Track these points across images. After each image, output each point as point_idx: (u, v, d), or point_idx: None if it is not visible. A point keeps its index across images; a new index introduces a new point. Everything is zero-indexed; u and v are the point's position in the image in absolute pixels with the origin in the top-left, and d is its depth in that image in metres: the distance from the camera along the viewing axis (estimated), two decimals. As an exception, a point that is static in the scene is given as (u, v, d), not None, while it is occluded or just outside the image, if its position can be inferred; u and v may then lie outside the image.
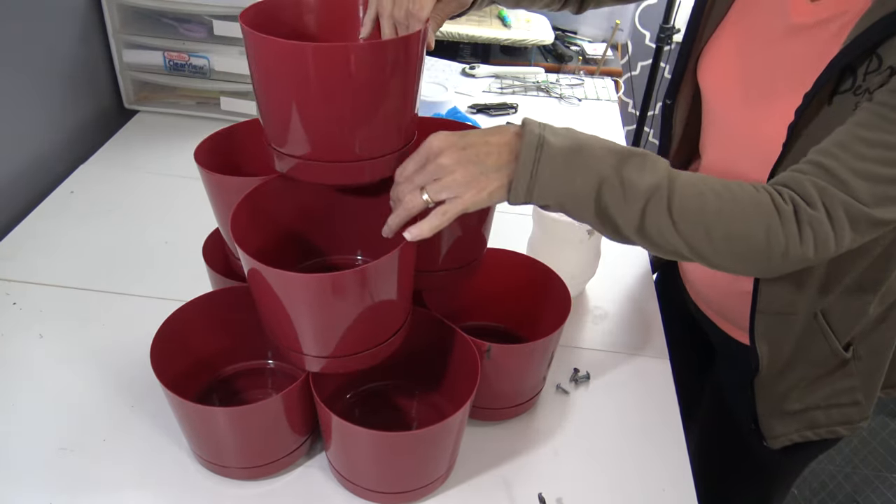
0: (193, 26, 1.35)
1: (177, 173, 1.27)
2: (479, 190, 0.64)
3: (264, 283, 0.65)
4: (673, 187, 0.65)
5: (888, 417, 1.78)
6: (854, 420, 0.91)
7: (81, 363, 0.88)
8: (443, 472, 0.76)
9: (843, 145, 0.66)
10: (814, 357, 0.87)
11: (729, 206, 0.65)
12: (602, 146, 0.66)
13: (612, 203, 0.65)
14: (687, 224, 0.65)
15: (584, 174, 0.64)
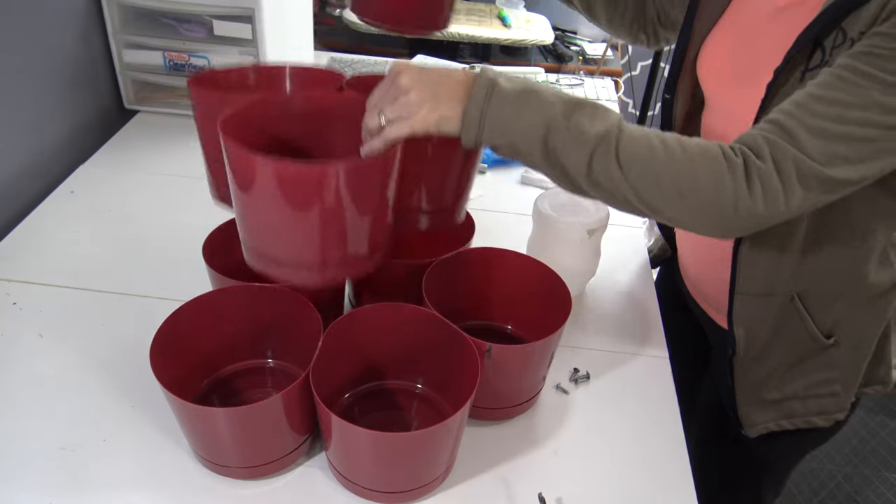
0: (193, 26, 1.35)
1: (177, 173, 1.27)
2: (430, 111, 0.67)
3: (250, 176, 0.66)
4: (622, 136, 0.67)
5: (888, 417, 1.78)
6: (830, 411, 0.91)
7: (81, 363, 0.88)
8: (442, 471, 0.76)
9: (800, 104, 0.66)
10: (791, 341, 0.87)
11: (678, 155, 0.67)
12: (554, 93, 0.68)
13: (560, 146, 0.67)
14: (635, 172, 0.66)
15: (533, 115, 0.67)
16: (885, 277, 0.83)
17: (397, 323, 0.81)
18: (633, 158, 0.66)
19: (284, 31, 1.44)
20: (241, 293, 0.81)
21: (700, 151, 0.67)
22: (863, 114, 0.64)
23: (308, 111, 0.81)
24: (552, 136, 0.67)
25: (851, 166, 0.65)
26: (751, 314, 0.86)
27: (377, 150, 0.69)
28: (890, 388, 0.93)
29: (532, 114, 0.67)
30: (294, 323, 0.81)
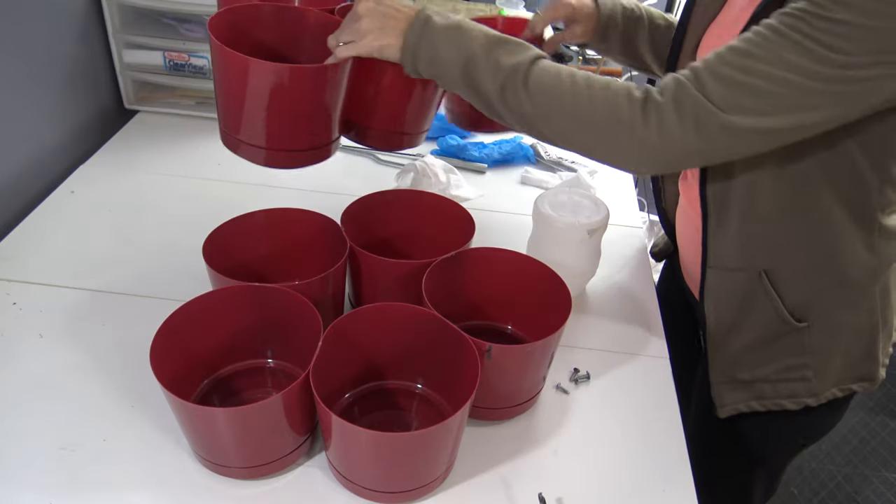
0: (193, 26, 1.35)
1: (177, 173, 1.27)
2: (375, 38, 0.78)
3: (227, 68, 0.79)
4: (533, 68, 0.75)
5: (888, 417, 1.78)
6: (799, 395, 0.92)
7: (81, 363, 0.88)
8: (442, 471, 0.76)
9: (718, 53, 0.70)
10: (760, 320, 0.88)
11: (582, 86, 0.73)
12: (481, 30, 0.77)
13: (477, 75, 0.76)
14: (541, 99, 0.74)
15: (458, 47, 0.76)
16: (862, 265, 0.83)
17: (397, 323, 0.81)
18: (540, 87, 0.74)
19: (284, 31, 1.44)
20: (241, 293, 0.81)
21: (604, 84, 0.73)
22: (768, 68, 0.66)
23: (290, 21, 0.91)
24: (471, 66, 0.76)
25: (754, 118, 0.68)
26: (721, 289, 0.89)
27: (333, 59, 0.80)
28: (877, 384, 0.94)
29: (457, 47, 0.76)
30: (294, 323, 0.81)
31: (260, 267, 0.96)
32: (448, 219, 0.99)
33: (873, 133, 0.74)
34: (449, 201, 1.01)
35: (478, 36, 0.76)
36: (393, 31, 0.78)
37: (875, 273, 0.84)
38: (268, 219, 0.94)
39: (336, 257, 0.87)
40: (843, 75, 0.65)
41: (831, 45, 0.64)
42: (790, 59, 0.65)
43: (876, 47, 0.64)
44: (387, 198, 1.01)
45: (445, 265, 0.88)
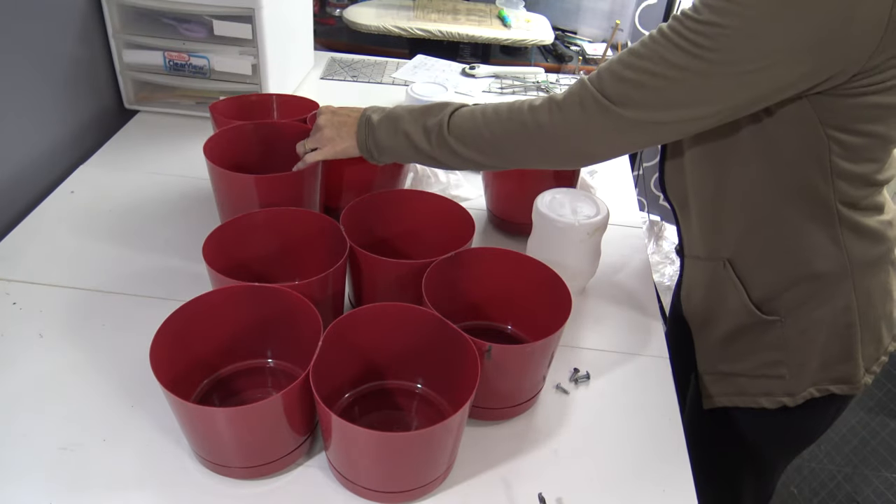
0: (193, 26, 1.35)
1: (177, 173, 1.27)
2: (335, 144, 0.97)
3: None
4: (452, 117, 0.87)
5: (888, 417, 1.78)
6: (775, 393, 0.93)
7: (81, 363, 0.88)
8: (442, 471, 0.76)
9: (619, 54, 0.78)
10: (730, 310, 0.92)
11: (492, 114, 0.85)
12: (407, 110, 0.92)
13: (418, 144, 0.89)
14: (465, 138, 0.86)
15: (395, 131, 0.91)
16: (829, 258, 0.84)
17: (397, 323, 0.81)
18: (461, 131, 0.86)
19: (284, 31, 1.44)
20: (241, 293, 0.81)
21: (510, 107, 0.85)
22: (650, 65, 0.73)
23: (269, 134, 1.13)
24: (410, 140, 0.90)
25: (642, 111, 0.75)
26: (693, 278, 0.95)
27: (300, 168, 1.00)
28: (860, 390, 0.93)
29: (394, 130, 0.91)
30: (294, 323, 0.81)
31: (260, 267, 0.96)
32: (448, 219, 0.99)
33: (798, 124, 0.77)
34: (449, 201, 1.01)
35: (406, 115, 0.91)
36: (348, 134, 0.96)
37: (846, 268, 0.84)
38: (268, 219, 0.94)
39: (336, 257, 0.87)
40: (718, 71, 0.70)
41: (702, 44, 0.70)
42: (668, 56, 0.72)
43: (743, 45, 0.69)
44: (387, 198, 1.02)
45: (445, 265, 0.88)
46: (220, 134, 1.07)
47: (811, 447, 1.48)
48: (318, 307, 0.78)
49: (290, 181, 0.99)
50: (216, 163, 0.98)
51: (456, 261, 0.89)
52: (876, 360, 0.93)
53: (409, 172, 1.24)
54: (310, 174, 1.01)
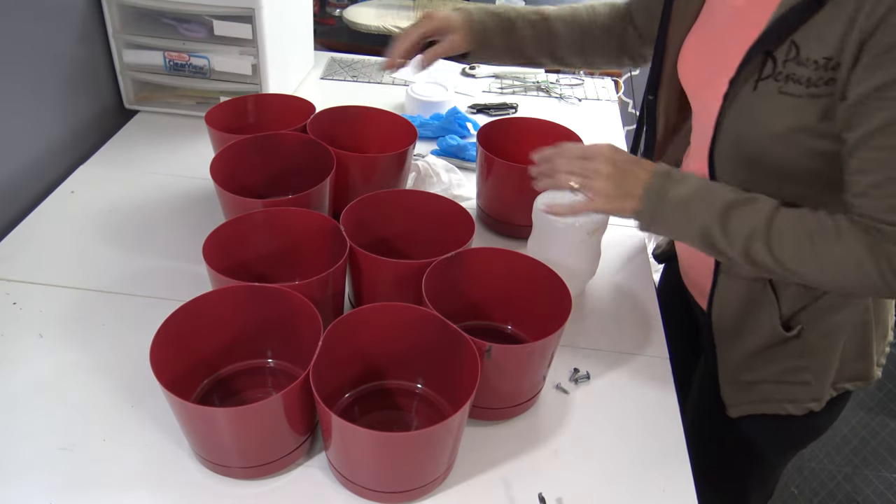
0: (193, 26, 1.35)
1: (177, 173, 1.27)
2: (610, 201, 0.80)
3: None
4: (771, 231, 0.74)
5: (888, 417, 1.78)
6: (801, 399, 0.93)
7: (81, 363, 0.88)
8: (442, 471, 0.76)
9: (880, 190, 0.70)
10: (761, 327, 0.90)
11: (820, 241, 0.73)
12: (712, 196, 0.77)
13: (718, 242, 0.77)
14: (784, 258, 0.74)
15: (692, 222, 0.78)
16: None
17: (397, 323, 0.81)
18: (783, 250, 0.74)
19: (284, 31, 1.44)
20: (241, 293, 0.81)
21: (838, 237, 0.72)
22: None
23: (270, 145, 1.10)
24: (707, 235, 0.77)
25: None
26: (730, 296, 0.91)
27: (561, 214, 0.86)
28: (872, 384, 0.94)
29: (691, 220, 0.78)
30: (294, 323, 0.81)
31: (260, 267, 0.96)
32: (448, 219, 0.99)
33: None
34: (449, 201, 1.01)
35: (711, 206, 0.77)
36: (629, 196, 0.80)
37: None
38: (268, 219, 0.94)
39: (336, 257, 0.87)
40: None
41: None
42: None
43: None
44: (387, 198, 1.02)
45: (445, 265, 0.88)
46: (225, 151, 1.05)
47: (811, 447, 1.48)
48: (318, 307, 0.78)
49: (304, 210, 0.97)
50: (222, 181, 0.98)
51: (456, 261, 0.89)
52: (883, 352, 0.94)
53: (411, 172, 1.24)
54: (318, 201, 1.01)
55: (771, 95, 0.74)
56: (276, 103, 1.24)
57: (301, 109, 1.21)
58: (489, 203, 1.17)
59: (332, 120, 1.18)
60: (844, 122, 0.71)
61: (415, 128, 1.16)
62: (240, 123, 1.20)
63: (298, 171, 1.09)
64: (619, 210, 0.81)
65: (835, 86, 0.70)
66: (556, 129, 1.20)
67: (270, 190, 1.13)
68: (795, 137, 0.75)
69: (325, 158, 1.05)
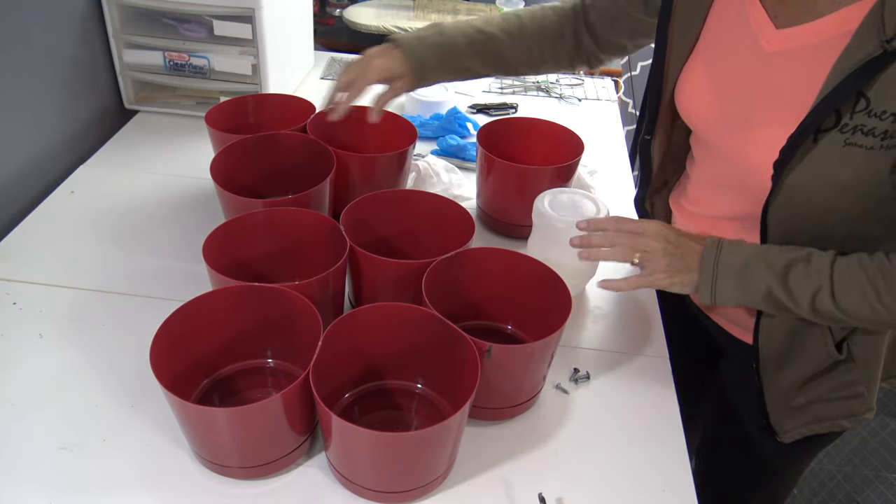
0: (193, 26, 1.35)
1: (177, 173, 1.27)
2: (668, 277, 0.82)
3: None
4: (835, 287, 0.76)
5: (888, 417, 1.78)
6: (858, 412, 0.91)
7: (81, 363, 0.88)
8: (442, 471, 0.76)
9: None
10: (810, 355, 0.87)
11: (886, 293, 0.74)
12: (767, 263, 0.78)
13: (783, 301, 0.78)
14: (853, 314, 0.76)
15: (754, 286, 0.78)
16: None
17: (397, 323, 0.81)
18: (850, 304, 0.76)
19: (284, 31, 1.44)
20: (241, 293, 0.81)
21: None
22: None
23: (270, 145, 1.11)
24: (774, 298, 0.78)
25: None
26: (778, 326, 0.87)
27: (619, 288, 0.86)
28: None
29: (754, 286, 0.78)
30: (294, 323, 0.81)
31: (260, 267, 0.96)
32: (448, 219, 0.99)
33: None
34: (449, 201, 1.01)
35: (770, 267, 0.78)
36: (688, 270, 0.82)
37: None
38: (268, 219, 0.94)
39: (336, 257, 0.87)
40: None
41: None
42: None
43: None
44: (387, 198, 1.02)
45: (445, 265, 0.88)
46: (225, 151, 1.05)
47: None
48: (318, 307, 0.78)
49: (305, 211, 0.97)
50: (222, 181, 0.98)
51: (456, 261, 0.89)
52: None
53: (411, 172, 1.24)
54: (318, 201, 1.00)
55: (835, 148, 0.72)
56: (276, 103, 1.24)
57: (301, 109, 1.21)
58: (489, 203, 1.17)
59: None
60: None
61: (415, 128, 1.16)
62: (240, 123, 1.20)
63: (298, 171, 1.09)
64: (679, 284, 0.82)
65: None
66: (556, 129, 1.20)
67: (270, 190, 1.12)
68: (861, 188, 0.73)
69: (325, 158, 1.05)
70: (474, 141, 1.40)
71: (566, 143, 1.17)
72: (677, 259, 0.82)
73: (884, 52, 0.66)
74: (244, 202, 0.95)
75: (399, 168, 1.13)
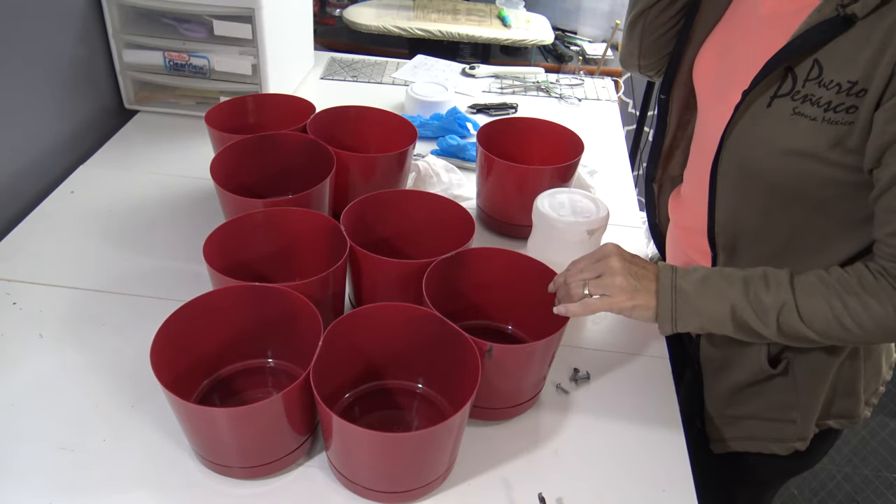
0: (193, 26, 1.35)
1: (177, 173, 1.27)
2: (628, 298, 0.78)
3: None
4: (799, 299, 0.73)
5: (888, 417, 1.78)
6: (787, 439, 0.91)
7: (81, 363, 0.88)
8: (442, 471, 0.76)
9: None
10: (747, 363, 0.88)
11: (852, 303, 0.72)
12: (728, 278, 0.76)
13: (748, 320, 0.75)
14: (818, 327, 0.73)
15: (716, 305, 0.76)
16: None
17: (397, 323, 0.81)
18: (814, 318, 0.73)
19: (284, 31, 1.44)
20: (241, 293, 0.81)
21: (864, 301, 0.72)
22: None
23: (270, 145, 1.10)
24: (739, 316, 0.75)
25: None
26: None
27: (574, 313, 0.81)
28: (860, 423, 0.92)
29: (715, 301, 0.76)
30: (294, 323, 0.81)
31: (260, 267, 0.96)
32: (448, 219, 0.99)
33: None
34: (449, 201, 1.01)
35: (728, 286, 0.76)
36: (645, 291, 0.79)
37: None
38: (268, 219, 0.94)
39: (336, 257, 0.87)
40: None
41: None
42: None
43: None
44: (387, 198, 1.02)
45: (445, 265, 0.88)
46: (225, 151, 1.05)
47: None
48: (318, 307, 0.78)
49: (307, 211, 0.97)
50: (222, 181, 0.98)
51: (456, 261, 0.89)
52: (875, 391, 0.92)
53: (411, 172, 1.24)
54: (319, 202, 1.00)
55: (784, 114, 0.72)
56: (276, 103, 1.24)
57: (301, 109, 1.21)
58: (489, 203, 1.17)
59: (332, 120, 1.19)
60: (874, 158, 0.68)
61: (415, 128, 1.16)
62: (240, 123, 1.20)
63: (298, 171, 1.09)
64: (635, 307, 0.79)
65: (856, 114, 0.67)
66: (555, 129, 1.20)
67: (270, 190, 1.13)
68: (803, 162, 0.72)
69: (325, 158, 1.05)
70: (474, 141, 1.40)
71: (566, 143, 1.17)
72: (635, 279, 0.79)
73: (837, 15, 0.67)
74: (244, 202, 0.95)
75: (399, 168, 1.13)
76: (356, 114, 1.22)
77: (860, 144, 0.69)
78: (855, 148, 0.69)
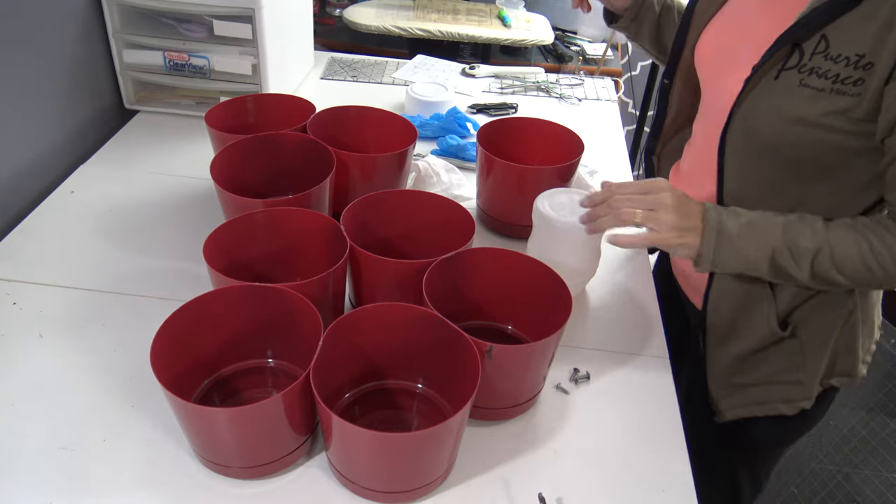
0: (193, 26, 1.35)
1: (177, 173, 1.27)
2: (676, 236, 0.80)
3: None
4: (833, 244, 0.77)
5: (888, 417, 1.78)
6: (794, 399, 0.93)
7: (81, 363, 0.88)
8: (442, 471, 0.76)
9: None
10: (756, 325, 0.90)
11: (883, 251, 0.75)
12: (769, 223, 0.79)
13: (785, 264, 0.78)
14: (849, 273, 0.77)
15: (757, 246, 0.79)
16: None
17: (397, 323, 0.81)
18: (845, 264, 0.77)
19: (284, 31, 1.44)
20: (241, 293, 0.81)
21: (894, 251, 0.76)
22: None
23: (271, 144, 1.10)
24: (777, 259, 0.79)
25: None
26: (727, 295, 0.91)
27: (624, 244, 0.86)
28: (858, 381, 0.95)
29: (756, 245, 0.79)
30: (294, 323, 0.81)
31: (260, 267, 0.96)
32: (448, 219, 0.99)
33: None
34: (449, 201, 1.01)
35: (769, 231, 0.79)
36: (692, 231, 0.80)
37: None
38: (268, 219, 0.94)
39: (336, 257, 0.87)
40: None
41: None
42: None
43: None
44: (387, 198, 1.02)
45: (445, 265, 0.88)
46: (226, 151, 1.05)
47: (811, 447, 1.48)
48: (318, 307, 0.78)
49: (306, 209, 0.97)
50: (222, 181, 0.98)
51: (456, 261, 0.89)
52: (868, 349, 0.95)
53: (411, 172, 1.24)
54: (319, 201, 1.00)
55: (791, 85, 0.75)
56: (276, 103, 1.24)
57: (301, 109, 1.21)
58: (489, 203, 1.17)
59: (332, 120, 1.19)
60: (887, 128, 0.72)
61: (415, 128, 1.16)
62: (240, 123, 1.20)
63: (298, 171, 1.09)
64: (681, 245, 0.80)
65: (863, 86, 0.71)
66: (555, 129, 1.20)
67: (270, 190, 1.13)
68: (809, 130, 0.75)
69: (325, 158, 1.05)
70: (474, 141, 1.40)
71: (566, 143, 1.17)
72: (684, 217, 0.80)
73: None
74: (244, 202, 0.95)
75: (399, 168, 1.13)
76: (356, 114, 1.22)
77: (866, 116, 0.72)
78: (861, 118, 0.73)
